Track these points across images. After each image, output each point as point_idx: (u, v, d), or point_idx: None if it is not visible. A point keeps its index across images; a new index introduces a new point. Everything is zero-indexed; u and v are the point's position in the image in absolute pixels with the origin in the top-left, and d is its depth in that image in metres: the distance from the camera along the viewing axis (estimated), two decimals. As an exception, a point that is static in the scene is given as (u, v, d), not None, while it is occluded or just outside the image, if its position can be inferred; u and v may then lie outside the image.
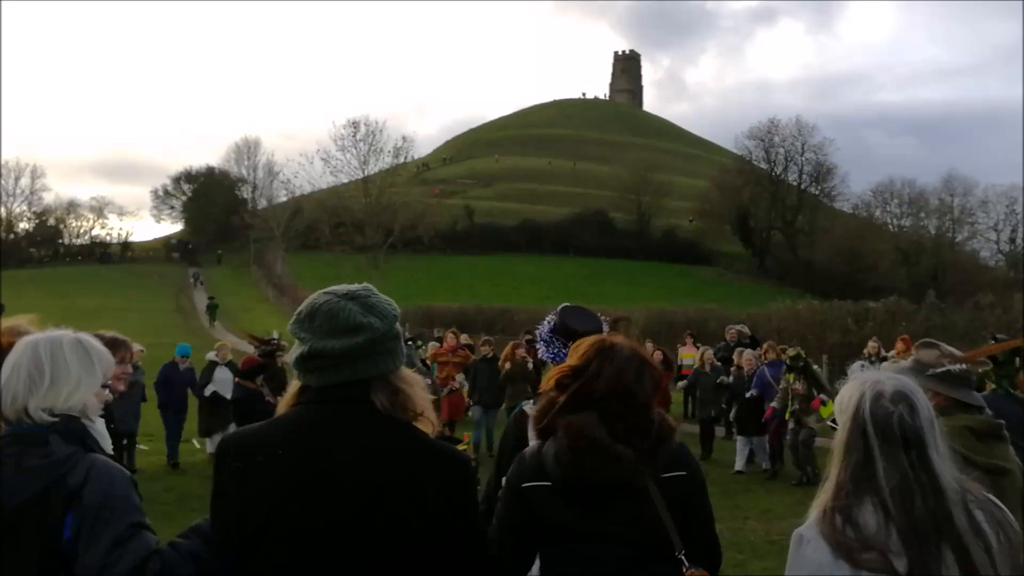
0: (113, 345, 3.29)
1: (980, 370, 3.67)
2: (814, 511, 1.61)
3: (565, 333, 2.87)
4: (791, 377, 9.56)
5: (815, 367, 10.09)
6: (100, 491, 1.83)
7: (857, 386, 1.65)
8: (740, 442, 10.70)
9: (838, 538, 1.52)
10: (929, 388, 2.66)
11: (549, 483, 1.94)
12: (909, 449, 1.55)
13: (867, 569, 1.49)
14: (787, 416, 9.54)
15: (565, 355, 2.82)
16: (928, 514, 1.50)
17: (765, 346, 10.67)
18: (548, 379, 2.14)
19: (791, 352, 9.82)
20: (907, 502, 1.51)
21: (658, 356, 12.85)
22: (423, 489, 1.61)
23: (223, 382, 10.54)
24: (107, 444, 2.19)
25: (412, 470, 1.62)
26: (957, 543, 1.50)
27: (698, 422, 11.97)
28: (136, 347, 10.16)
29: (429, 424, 1.72)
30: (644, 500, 1.92)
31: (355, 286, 1.76)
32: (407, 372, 1.77)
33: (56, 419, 1.95)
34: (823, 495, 1.61)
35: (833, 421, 1.77)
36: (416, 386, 1.75)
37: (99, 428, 2.18)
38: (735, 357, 11.86)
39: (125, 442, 10.28)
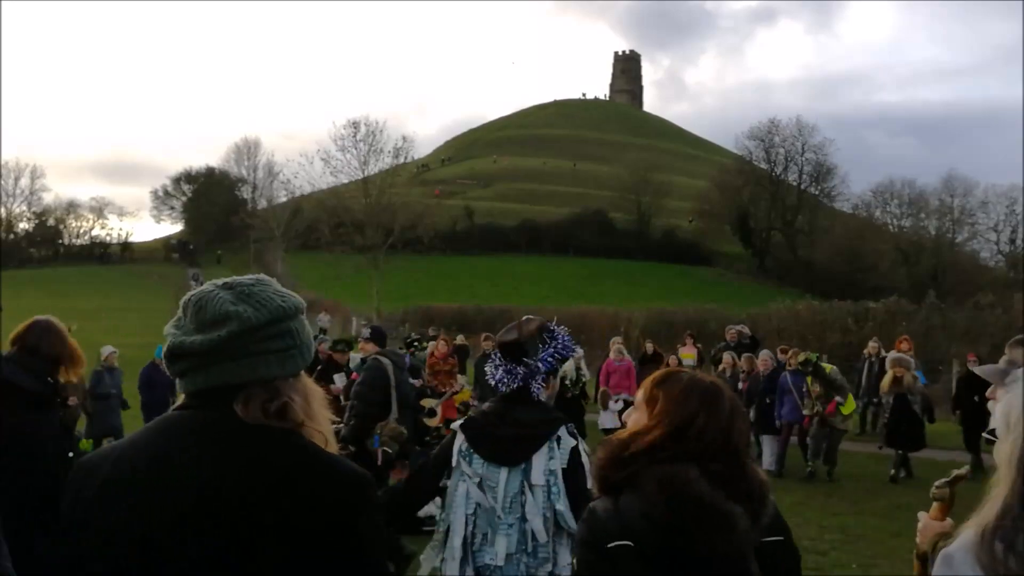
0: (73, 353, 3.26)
1: None
2: (970, 529, 1.47)
3: (502, 349, 2.91)
4: (809, 380, 9.96)
5: (828, 368, 10.23)
6: None
7: None
8: (765, 441, 10.83)
9: (998, 568, 1.38)
10: None
11: (631, 544, 1.70)
12: None
13: None
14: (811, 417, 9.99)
15: (497, 369, 2.89)
16: None
17: (789, 352, 10.89)
18: (632, 432, 1.83)
19: (800, 357, 10.14)
20: None
21: (673, 361, 12.84)
22: (289, 514, 1.27)
23: None
24: None
25: (280, 487, 1.28)
26: None
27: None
28: (108, 349, 10.31)
29: (319, 436, 1.39)
30: (743, 572, 1.73)
31: (246, 277, 1.44)
32: (306, 383, 1.43)
33: None
34: (983, 515, 1.46)
35: (995, 433, 1.62)
36: (312, 398, 1.41)
37: None
38: (744, 363, 11.83)
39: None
